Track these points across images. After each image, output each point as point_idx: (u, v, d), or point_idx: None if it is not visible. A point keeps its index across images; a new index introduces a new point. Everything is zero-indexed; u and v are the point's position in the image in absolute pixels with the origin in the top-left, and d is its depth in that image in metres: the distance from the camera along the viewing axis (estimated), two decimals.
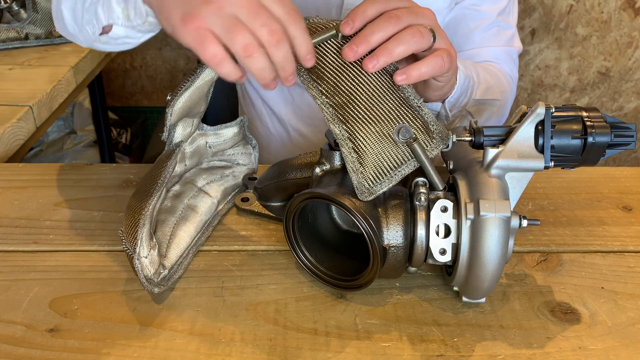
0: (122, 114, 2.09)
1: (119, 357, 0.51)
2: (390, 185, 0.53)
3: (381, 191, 0.53)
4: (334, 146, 0.58)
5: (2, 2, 1.25)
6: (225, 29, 0.49)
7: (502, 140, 0.54)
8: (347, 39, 0.57)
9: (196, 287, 0.58)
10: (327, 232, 0.61)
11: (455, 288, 0.56)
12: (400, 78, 0.56)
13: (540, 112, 0.52)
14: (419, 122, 0.55)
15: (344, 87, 0.55)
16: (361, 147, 0.54)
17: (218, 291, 0.58)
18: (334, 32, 0.56)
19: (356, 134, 0.54)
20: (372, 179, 0.53)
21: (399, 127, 0.54)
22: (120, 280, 0.59)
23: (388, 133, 0.54)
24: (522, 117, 0.54)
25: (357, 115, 0.54)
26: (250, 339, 0.53)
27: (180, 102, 0.59)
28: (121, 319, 0.55)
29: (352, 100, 0.55)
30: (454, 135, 0.56)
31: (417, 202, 0.53)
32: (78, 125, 1.85)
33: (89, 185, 0.74)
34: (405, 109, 0.55)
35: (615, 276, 0.61)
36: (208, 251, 0.63)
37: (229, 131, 0.70)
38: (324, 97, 0.55)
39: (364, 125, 0.54)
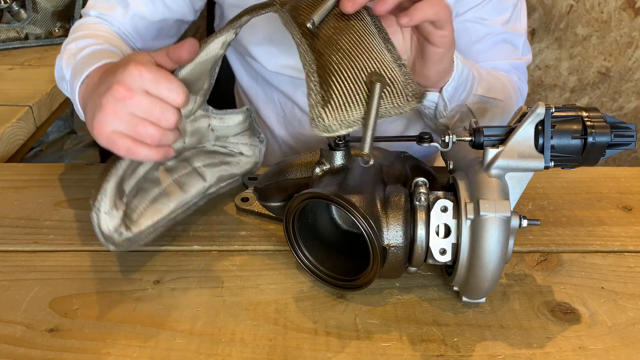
0: None
1: (119, 357, 0.51)
2: (348, 130, 0.50)
3: (337, 134, 0.50)
4: (333, 146, 0.58)
5: (2, 2, 1.25)
6: (131, 132, 0.55)
7: (502, 140, 0.54)
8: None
9: (196, 287, 0.58)
10: (327, 232, 0.61)
11: (455, 288, 0.56)
12: (405, 20, 0.58)
13: (540, 112, 0.52)
14: (395, 74, 0.53)
15: (329, 31, 0.54)
16: (330, 78, 0.51)
17: (218, 291, 0.58)
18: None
19: (328, 65, 0.52)
20: (331, 111, 0.50)
21: (371, 72, 0.51)
22: (120, 280, 0.59)
23: (360, 72, 0.51)
24: (522, 117, 0.54)
25: (334, 50, 0.53)
26: (250, 339, 0.53)
27: (182, 74, 0.58)
28: (121, 319, 0.55)
29: (335, 42, 0.53)
30: (454, 135, 0.56)
31: (417, 202, 0.53)
32: (78, 125, 1.85)
33: (89, 185, 0.73)
34: (386, 62, 0.54)
35: (615, 276, 0.61)
36: (208, 251, 0.63)
37: (233, 118, 0.69)
38: (304, 38, 0.54)
39: (339, 59, 0.52)
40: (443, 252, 0.53)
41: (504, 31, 0.88)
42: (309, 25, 0.53)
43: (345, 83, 0.51)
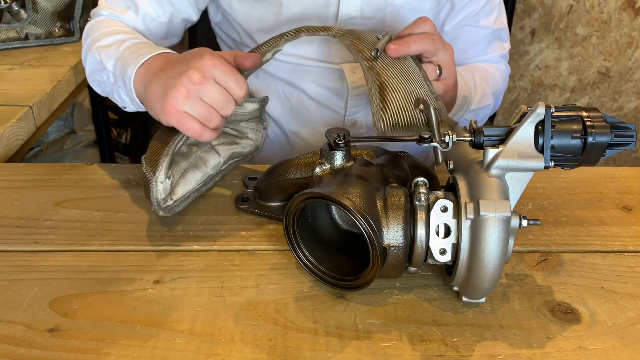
0: (122, 114, 2.09)
1: (119, 357, 0.51)
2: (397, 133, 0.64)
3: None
4: (334, 146, 0.58)
5: (2, 2, 1.25)
6: (200, 115, 0.63)
7: (502, 140, 0.54)
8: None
9: (196, 287, 0.58)
10: (327, 232, 0.61)
11: (455, 288, 0.56)
12: (392, 47, 0.69)
13: (540, 112, 0.52)
14: (436, 103, 0.67)
15: (384, 61, 0.69)
16: (388, 94, 0.65)
17: (218, 291, 0.58)
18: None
19: (386, 85, 0.66)
20: (389, 124, 0.64)
21: (418, 97, 0.65)
22: (120, 280, 0.59)
23: (410, 95, 0.66)
24: (522, 117, 0.54)
25: (389, 75, 0.67)
26: (250, 339, 0.53)
27: None
28: (121, 319, 0.55)
29: (388, 70, 0.68)
30: (454, 135, 0.56)
31: (417, 202, 0.53)
32: (78, 125, 1.85)
33: (89, 185, 0.74)
34: (427, 92, 0.68)
35: (615, 276, 0.61)
36: (208, 251, 0.63)
37: (251, 106, 0.75)
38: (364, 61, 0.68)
39: (394, 82, 0.66)
40: (443, 252, 0.53)
41: (495, 29, 0.97)
42: (372, 53, 0.69)
43: (398, 100, 0.65)
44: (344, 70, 0.94)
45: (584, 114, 0.54)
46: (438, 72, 0.72)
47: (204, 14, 0.96)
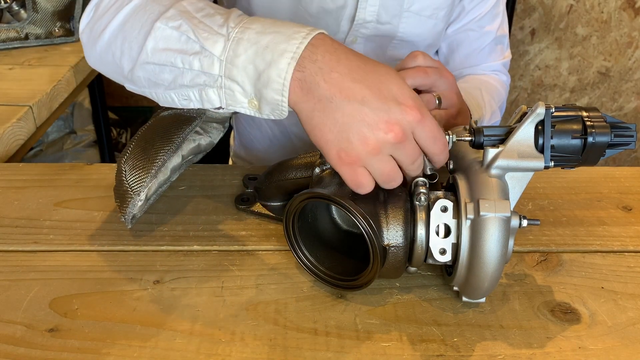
0: (122, 114, 2.09)
1: (119, 357, 0.51)
2: None
3: None
4: None
5: (2, 2, 1.25)
6: (380, 171, 0.52)
7: (502, 140, 0.54)
8: None
9: (196, 287, 0.58)
10: (327, 232, 0.61)
11: (455, 288, 0.56)
12: None
13: (540, 112, 0.52)
14: None
15: None
16: None
17: (218, 291, 0.58)
18: None
19: None
20: None
21: None
22: (120, 280, 0.59)
23: None
24: (522, 117, 0.54)
25: None
26: (250, 339, 0.53)
27: None
28: (121, 319, 0.55)
29: None
30: (454, 135, 0.56)
31: (417, 202, 0.53)
32: (78, 125, 1.86)
33: (89, 185, 0.74)
34: None
35: (615, 276, 0.61)
36: (208, 251, 0.63)
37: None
38: None
39: None
40: (443, 252, 0.53)
41: (497, 35, 0.97)
42: None
43: None
44: None
45: (584, 113, 0.54)
46: (437, 102, 0.70)
47: None
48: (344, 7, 0.87)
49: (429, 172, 0.56)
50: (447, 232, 0.53)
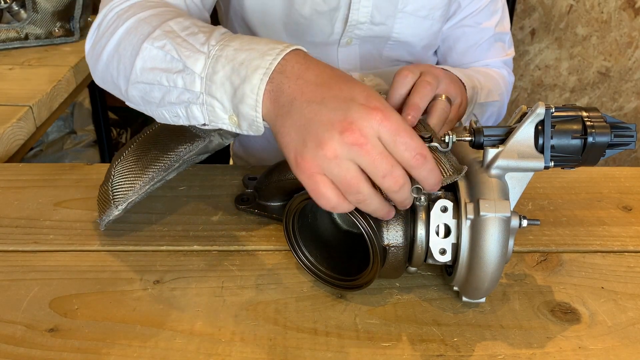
0: (122, 114, 2.09)
1: (119, 357, 0.51)
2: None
3: None
4: None
5: (2, 2, 1.25)
6: (340, 179, 0.46)
7: (502, 140, 0.54)
8: None
9: (196, 287, 0.58)
10: (327, 232, 0.61)
11: (455, 288, 0.56)
12: (409, 118, 0.60)
13: (540, 112, 0.52)
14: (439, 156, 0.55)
15: None
16: None
17: (218, 291, 0.58)
18: None
19: None
20: None
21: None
22: (120, 280, 0.59)
23: None
24: (522, 117, 0.54)
25: None
26: (250, 339, 0.53)
27: None
28: (121, 319, 0.55)
29: None
30: (454, 135, 0.56)
31: (417, 202, 0.53)
32: (78, 125, 1.86)
33: (89, 185, 0.74)
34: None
35: (615, 276, 0.61)
36: (208, 251, 0.63)
37: None
38: None
39: None
40: (443, 252, 0.53)
41: (496, 32, 0.95)
42: None
43: None
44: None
45: (584, 114, 0.54)
46: (448, 101, 0.66)
47: None
48: (337, 9, 0.87)
49: (415, 194, 0.48)
50: (447, 232, 0.53)
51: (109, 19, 0.66)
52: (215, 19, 1.00)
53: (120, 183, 0.64)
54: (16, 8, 1.26)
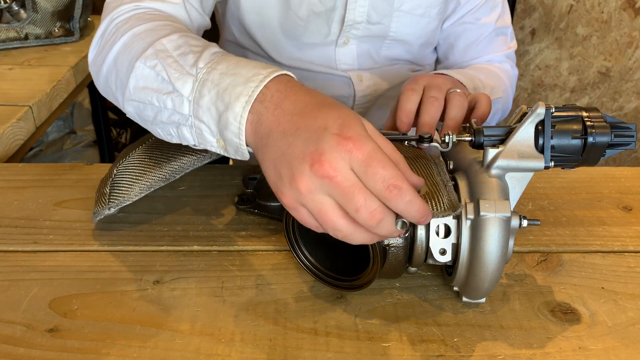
0: (122, 114, 2.09)
1: (119, 357, 0.51)
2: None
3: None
4: None
5: (2, 2, 1.25)
6: (316, 214, 0.45)
7: (502, 140, 0.54)
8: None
9: (196, 287, 0.58)
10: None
11: (455, 288, 0.56)
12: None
13: (540, 112, 0.52)
14: (437, 189, 0.53)
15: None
16: None
17: (218, 291, 0.58)
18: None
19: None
20: None
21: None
22: (120, 280, 0.59)
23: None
24: (522, 117, 0.54)
25: None
26: (250, 339, 0.53)
27: None
28: (121, 319, 0.55)
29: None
30: (454, 135, 0.56)
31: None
32: (78, 125, 1.85)
33: (89, 185, 0.74)
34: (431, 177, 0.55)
35: (615, 276, 0.61)
36: (208, 251, 0.63)
37: None
38: None
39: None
40: (443, 252, 0.53)
41: (497, 27, 0.95)
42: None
43: None
44: (351, 78, 0.94)
45: (584, 114, 0.54)
46: (462, 93, 0.66)
47: None
48: (334, 9, 0.87)
49: (399, 228, 0.45)
50: (447, 232, 0.53)
51: (110, 30, 0.67)
52: (214, 21, 1.00)
53: (118, 184, 0.65)
54: (16, 8, 1.26)
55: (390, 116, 0.71)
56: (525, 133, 0.53)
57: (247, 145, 0.51)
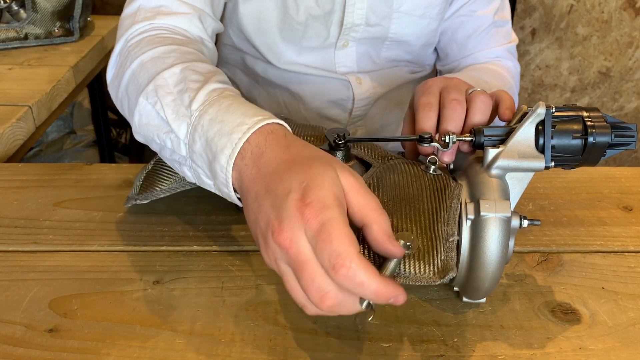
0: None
1: (119, 357, 0.51)
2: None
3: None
4: (333, 146, 0.58)
5: (2, 1, 1.25)
6: (286, 285, 0.44)
7: (503, 140, 0.54)
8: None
9: (196, 287, 0.58)
10: None
11: (456, 288, 0.56)
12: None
13: (540, 112, 0.52)
14: (433, 244, 0.50)
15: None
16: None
17: (218, 291, 0.58)
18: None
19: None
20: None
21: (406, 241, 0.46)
22: (120, 280, 0.59)
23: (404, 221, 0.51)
24: (523, 117, 0.53)
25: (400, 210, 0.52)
26: (250, 339, 0.53)
27: None
28: (121, 319, 0.55)
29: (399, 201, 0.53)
30: (454, 136, 0.56)
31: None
32: (78, 125, 1.85)
33: (89, 185, 0.74)
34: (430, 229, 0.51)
35: (615, 276, 0.61)
36: (208, 251, 0.63)
37: None
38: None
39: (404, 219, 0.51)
40: None
41: (495, 20, 0.93)
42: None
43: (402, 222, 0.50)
44: (350, 82, 0.94)
45: (585, 114, 0.54)
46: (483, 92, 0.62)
47: None
48: (332, 12, 0.86)
49: (365, 308, 0.43)
50: None
51: (124, 52, 0.68)
52: None
53: (152, 177, 0.65)
54: (16, 8, 1.26)
55: (405, 127, 0.66)
56: (525, 133, 0.52)
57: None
